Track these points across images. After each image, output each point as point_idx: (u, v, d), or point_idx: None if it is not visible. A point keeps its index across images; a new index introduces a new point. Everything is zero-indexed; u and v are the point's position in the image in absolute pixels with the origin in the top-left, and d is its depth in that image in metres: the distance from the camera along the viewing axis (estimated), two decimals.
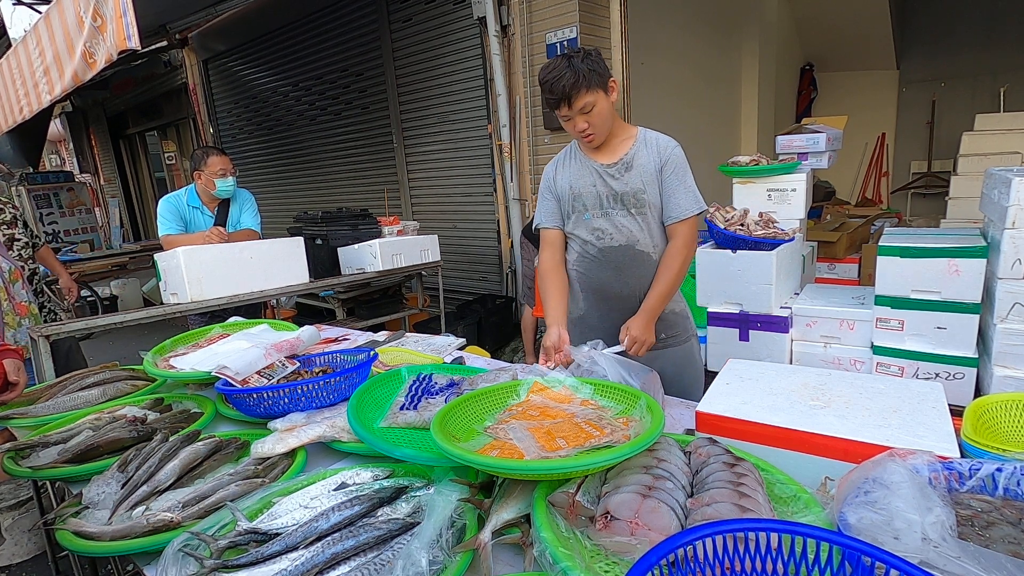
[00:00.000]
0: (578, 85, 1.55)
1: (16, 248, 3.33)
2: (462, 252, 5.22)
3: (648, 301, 1.67)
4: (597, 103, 1.59)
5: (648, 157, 1.68)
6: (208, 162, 2.85)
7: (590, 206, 1.74)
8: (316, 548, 0.90)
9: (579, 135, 1.67)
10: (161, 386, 1.81)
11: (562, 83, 1.55)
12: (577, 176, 1.76)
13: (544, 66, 1.61)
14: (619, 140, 1.73)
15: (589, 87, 1.56)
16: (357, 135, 5.92)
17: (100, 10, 2.89)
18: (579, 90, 1.56)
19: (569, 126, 1.66)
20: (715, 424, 1.17)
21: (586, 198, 1.74)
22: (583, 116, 1.61)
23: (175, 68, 7.88)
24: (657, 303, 1.66)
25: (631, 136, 1.73)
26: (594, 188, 1.73)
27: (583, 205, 1.75)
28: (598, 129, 1.64)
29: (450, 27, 4.68)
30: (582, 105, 1.58)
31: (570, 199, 1.77)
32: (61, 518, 1.09)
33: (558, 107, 1.61)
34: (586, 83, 1.55)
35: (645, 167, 1.68)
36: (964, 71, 7.44)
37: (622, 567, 0.82)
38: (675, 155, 1.69)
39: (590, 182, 1.73)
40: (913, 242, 2.39)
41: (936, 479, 0.86)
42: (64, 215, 8.05)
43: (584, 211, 1.75)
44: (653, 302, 1.66)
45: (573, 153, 1.80)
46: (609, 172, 1.71)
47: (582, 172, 1.75)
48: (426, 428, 1.20)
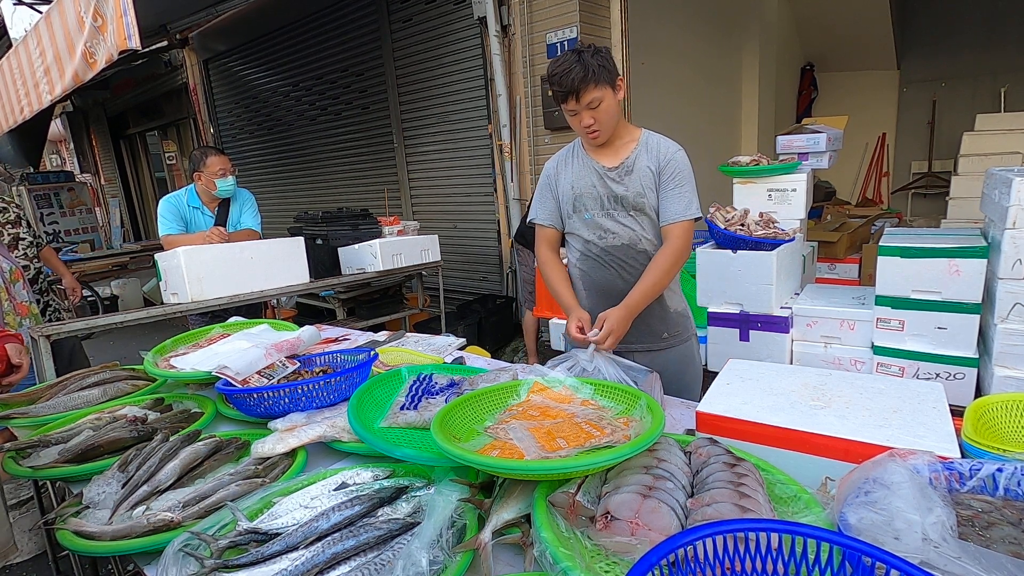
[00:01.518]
0: (587, 79, 1.54)
1: (22, 247, 3.33)
2: (462, 252, 5.22)
3: (631, 297, 1.65)
4: (604, 99, 1.58)
5: (649, 162, 1.68)
6: (207, 163, 2.85)
7: (591, 206, 1.74)
8: (316, 548, 0.90)
9: (584, 131, 1.66)
10: (161, 386, 1.81)
11: (571, 76, 1.54)
12: (579, 176, 1.76)
13: (553, 60, 1.61)
14: (622, 142, 1.72)
15: (598, 82, 1.55)
16: (357, 135, 5.92)
17: (100, 10, 2.89)
18: (588, 84, 1.55)
19: (575, 121, 1.65)
20: (715, 424, 1.17)
21: (587, 199, 1.74)
22: (590, 112, 1.60)
23: (175, 68, 7.89)
24: (640, 300, 1.65)
25: (634, 139, 1.72)
26: (595, 189, 1.73)
27: (583, 205, 1.75)
28: (604, 126, 1.63)
29: (450, 27, 4.68)
30: (590, 100, 1.57)
31: (571, 199, 1.77)
32: (61, 518, 1.09)
33: (565, 100, 1.60)
34: (595, 78, 1.54)
35: (645, 172, 1.68)
36: (964, 71, 7.43)
37: (622, 567, 0.82)
38: (675, 159, 1.67)
39: (591, 183, 1.73)
40: (913, 242, 2.39)
41: (937, 479, 0.86)
42: (65, 215, 8.06)
43: (585, 211, 1.75)
44: (636, 298, 1.64)
45: (575, 152, 1.80)
46: (610, 175, 1.71)
47: (584, 173, 1.75)
48: (426, 428, 1.20)
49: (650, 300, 1.68)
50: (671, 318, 1.82)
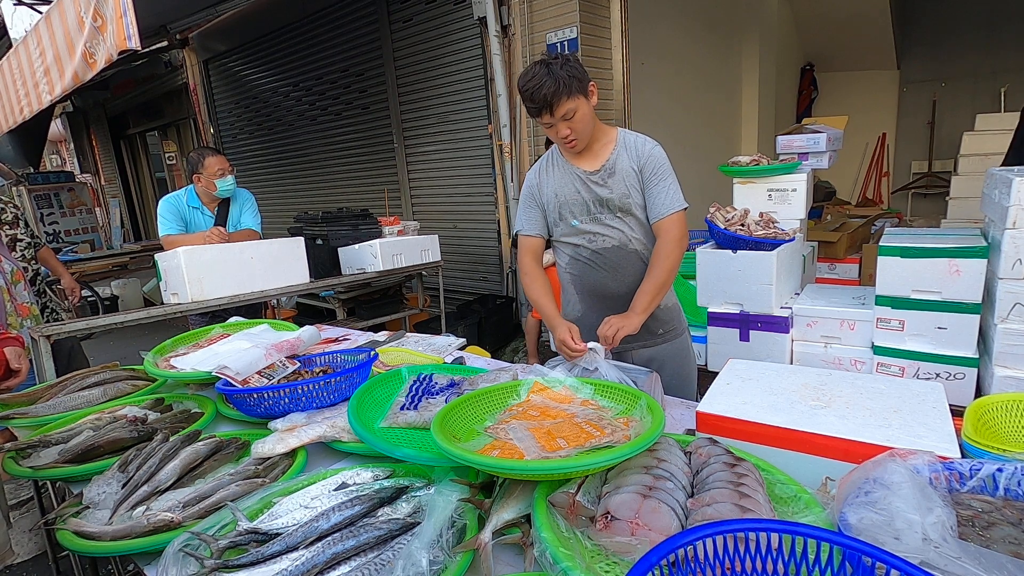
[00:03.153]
0: (559, 92, 1.53)
1: (19, 248, 3.33)
2: (462, 252, 5.22)
3: (637, 297, 1.64)
4: (579, 109, 1.58)
5: (629, 161, 1.68)
6: (205, 163, 2.85)
7: (577, 212, 1.74)
8: (316, 548, 0.90)
9: (562, 141, 1.66)
10: (162, 386, 1.81)
11: (543, 91, 1.53)
12: (561, 184, 1.75)
13: (523, 74, 1.59)
14: (600, 145, 1.72)
15: (570, 94, 1.55)
16: (357, 135, 5.92)
17: (100, 10, 2.89)
18: (560, 97, 1.54)
19: (551, 133, 1.65)
20: (715, 424, 1.17)
21: (572, 205, 1.74)
22: (565, 123, 1.59)
23: (176, 68, 7.89)
24: (646, 299, 1.63)
25: (611, 140, 1.72)
26: (579, 195, 1.72)
27: (570, 212, 1.75)
28: (580, 134, 1.64)
29: (450, 27, 4.68)
30: (564, 112, 1.57)
31: (556, 207, 1.76)
32: (62, 518, 1.09)
33: (539, 115, 1.60)
34: (567, 90, 1.54)
35: (628, 172, 1.68)
36: (965, 71, 7.43)
37: (622, 567, 0.82)
38: (654, 155, 1.67)
39: (575, 189, 1.73)
40: (914, 242, 2.39)
41: (937, 479, 0.86)
42: (65, 215, 8.06)
43: (572, 217, 1.75)
44: (642, 298, 1.63)
45: (554, 160, 1.79)
46: (592, 179, 1.70)
47: (566, 180, 1.74)
48: (426, 428, 1.20)
49: (659, 296, 1.67)
50: (663, 314, 1.82)
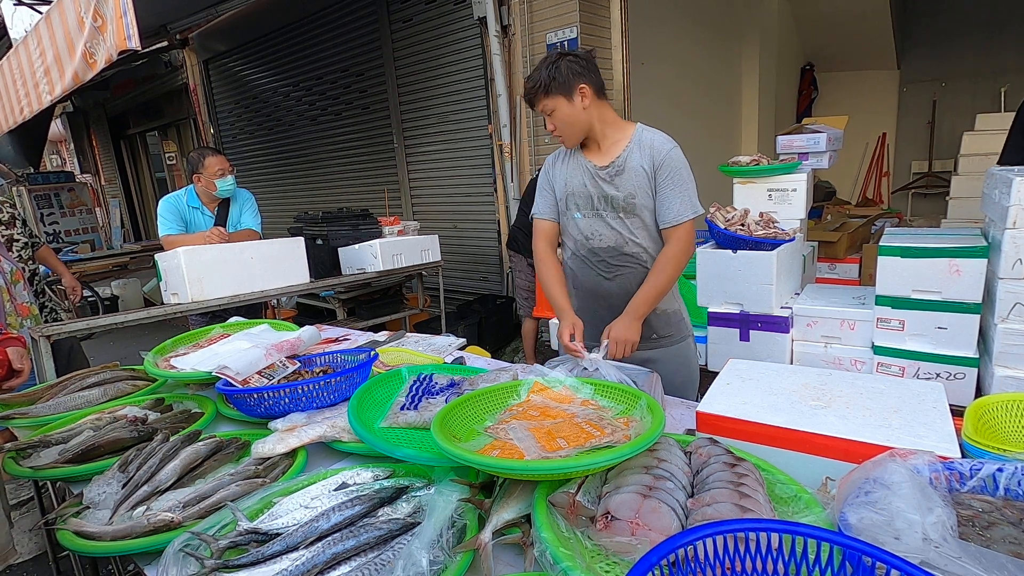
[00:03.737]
0: (536, 90, 1.63)
1: (15, 249, 3.32)
2: (462, 252, 5.22)
3: (634, 302, 1.66)
4: (557, 108, 1.64)
5: (641, 160, 1.66)
6: (205, 164, 2.85)
7: (581, 205, 1.75)
8: (317, 548, 0.90)
9: (552, 134, 1.74)
10: (162, 386, 1.81)
11: (527, 84, 1.67)
12: (571, 174, 1.77)
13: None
14: (613, 140, 1.72)
15: (548, 93, 1.62)
16: (358, 135, 5.92)
17: (100, 10, 2.89)
18: (537, 94, 1.64)
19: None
20: (716, 424, 1.17)
21: (578, 197, 1.75)
22: (548, 119, 1.68)
23: (176, 68, 7.89)
24: (643, 305, 1.66)
25: (626, 136, 1.71)
26: (586, 188, 1.73)
27: (575, 204, 1.76)
28: (564, 132, 1.70)
29: (450, 27, 4.69)
30: (542, 108, 1.66)
31: (564, 196, 1.79)
32: (62, 518, 1.09)
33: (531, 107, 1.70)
34: (544, 89, 1.62)
35: (638, 171, 1.66)
36: (965, 71, 7.43)
37: (623, 567, 0.82)
38: (671, 157, 1.65)
39: (582, 181, 1.74)
40: (914, 242, 2.39)
41: (937, 479, 0.86)
42: (65, 215, 8.06)
43: (576, 209, 1.76)
44: (639, 303, 1.66)
45: (571, 150, 1.81)
46: (601, 175, 1.71)
47: (576, 171, 1.76)
48: (426, 428, 1.20)
49: (654, 304, 1.69)
50: (663, 318, 1.82)
